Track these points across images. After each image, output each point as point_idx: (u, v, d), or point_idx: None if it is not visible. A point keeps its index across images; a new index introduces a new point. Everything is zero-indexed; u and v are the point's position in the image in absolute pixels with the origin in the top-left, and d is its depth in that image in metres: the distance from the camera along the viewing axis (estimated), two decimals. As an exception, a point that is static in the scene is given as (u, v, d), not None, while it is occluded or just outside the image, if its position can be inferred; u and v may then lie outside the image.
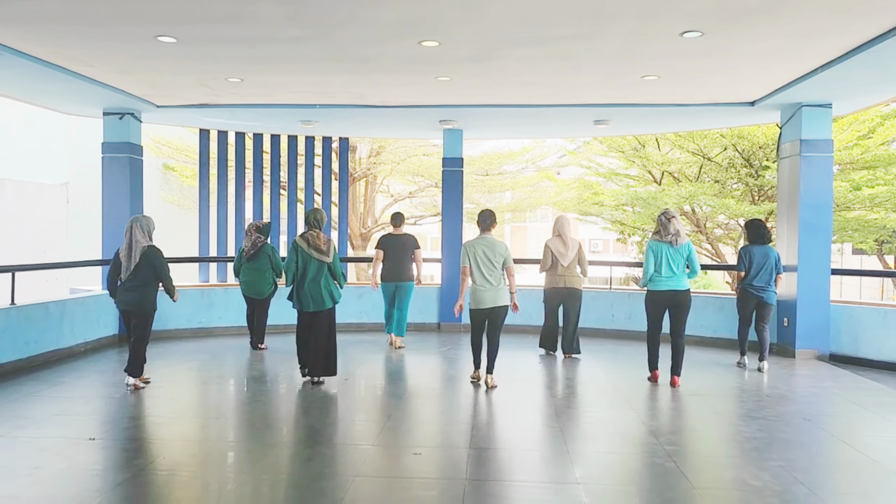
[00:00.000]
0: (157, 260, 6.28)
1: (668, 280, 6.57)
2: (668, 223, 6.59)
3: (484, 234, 6.54)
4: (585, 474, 4.40)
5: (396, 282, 8.36)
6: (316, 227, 6.58)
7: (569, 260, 7.85)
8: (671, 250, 6.56)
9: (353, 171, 17.07)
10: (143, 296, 6.26)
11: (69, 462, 4.54)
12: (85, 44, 6.27)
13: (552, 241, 7.94)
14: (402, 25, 5.67)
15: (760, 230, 7.59)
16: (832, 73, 6.75)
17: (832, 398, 6.50)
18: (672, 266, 6.55)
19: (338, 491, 4.07)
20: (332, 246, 6.57)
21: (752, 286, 7.48)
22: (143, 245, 6.21)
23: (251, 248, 8.19)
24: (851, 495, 4.17)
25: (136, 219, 6.37)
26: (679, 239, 6.55)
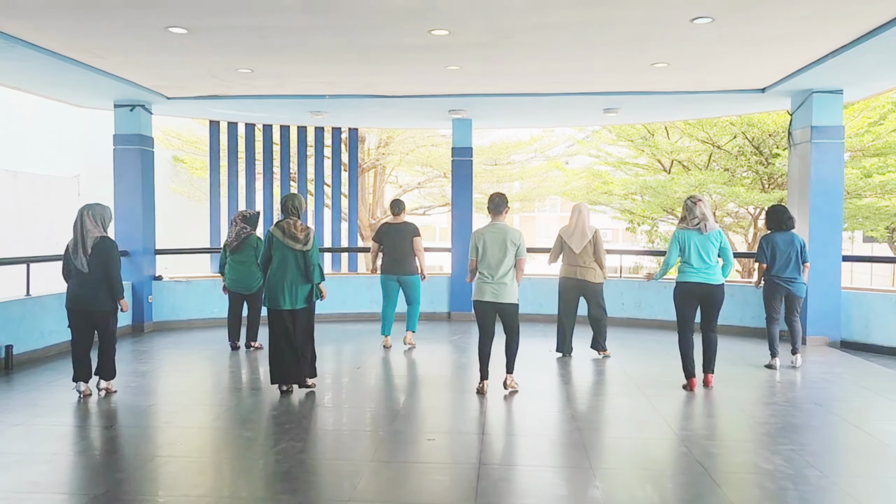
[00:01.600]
0: (110, 254, 5.60)
1: (698, 271, 5.94)
2: (694, 206, 6.00)
3: (495, 221, 5.94)
4: (598, 459, 4.43)
5: (398, 275, 7.81)
6: (294, 214, 5.89)
7: (579, 248, 7.25)
8: (700, 238, 5.96)
9: (362, 161, 17.09)
10: (99, 293, 5.61)
11: (88, 449, 4.61)
12: (96, 36, 6.31)
13: (564, 228, 7.47)
14: (412, 14, 5.68)
15: (782, 216, 7.00)
16: (843, 59, 6.72)
17: (843, 384, 6.51)
18: (703, 256, 5.93)
19: (353, 476, 4.11)
20: (310, 235, 5.84)
21: (780, 278, 6.88)
22: (94, 236, 5.57)
23: (235, 238, 7.56)
24: (862, 478, 4.19)
25: (86, 207, 5.68)
26: (708, 224, 5.94)
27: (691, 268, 5.98)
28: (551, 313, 9.70)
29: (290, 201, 5.93)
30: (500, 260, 5.77)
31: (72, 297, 5.65)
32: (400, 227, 7.85)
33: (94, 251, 5.55)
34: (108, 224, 5.77)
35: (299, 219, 5.93)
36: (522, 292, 10.16)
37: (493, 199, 5.95)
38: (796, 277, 6.91)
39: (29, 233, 13.67)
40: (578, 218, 7.36)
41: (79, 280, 5.60)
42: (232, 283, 7.71)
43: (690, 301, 6.04)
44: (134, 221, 9.22)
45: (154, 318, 9.37)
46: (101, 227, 5.66)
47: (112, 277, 5.62)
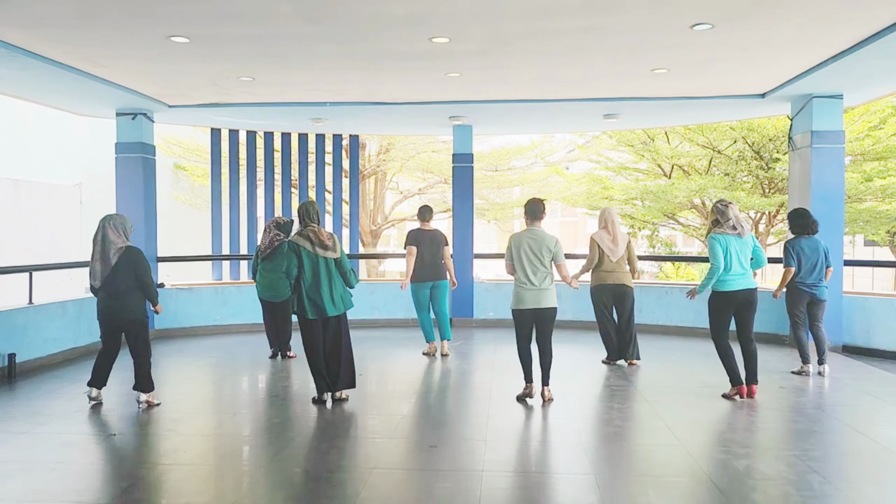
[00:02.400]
0: (138, 262, 5.59)
1: (740, 278, 5.73)
2: (727, 209, 5.75)
3: (532, 227, 5.85)
4: (600, 465, 4.43)
5: (434, 281, 7.68)
6: (315, 221, 5.81)
7: (618, 255, 7.17)
8: (739, 242, 5.74)
9: (363, 168, 17.13)
10: (129, 303, 5.59)
11: (92, 457, 4.62)
12: (98, 45, 6.34)
13: (598, 233, 7.29)
14: (412, 22, 5.71)
15: (805, 220, 6.81)
16: (843, 64, 6.74)
17: (845, 389, 6.51)
18: (742, 261, 5.74)
19: (355, 483, 4.12)
20: (336, 240, 5.80)
21: (805, 284, 6.72)
22: (119, 246, 5.55)
23: (268, 246, 7.46)
24: (865, 483, 4.19)
25: (108, 218, 5.67)
26: (745, 228, 5.77)
27: (733, 274, 5.74)
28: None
29: (312, 208, 5.84)
30: (537, 267, 5.74)
31: (99, 309, 5.65)
32: (433, 233, 7.78)
33: (122, 261, 5.53)
34: (129, 233, 5.73)
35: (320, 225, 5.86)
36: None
37: (531, 204, 5.89)
38: (821, 282, 6.78)
39: (31, 241, 13.69)
40: (617, 225, 7.32)
41: (107, 291, 5.57)
42: (263, 291, 7.62)
43: (731, 311, 5.84)
44: (136, 229, 9.16)
45: (156, 326, 9.38)
46: (124, 237, 5.63)
47: (146, 284, 5.62)
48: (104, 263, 5.53)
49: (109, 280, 5.53)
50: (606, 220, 7.31)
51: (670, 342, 8.79)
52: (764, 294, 8.94)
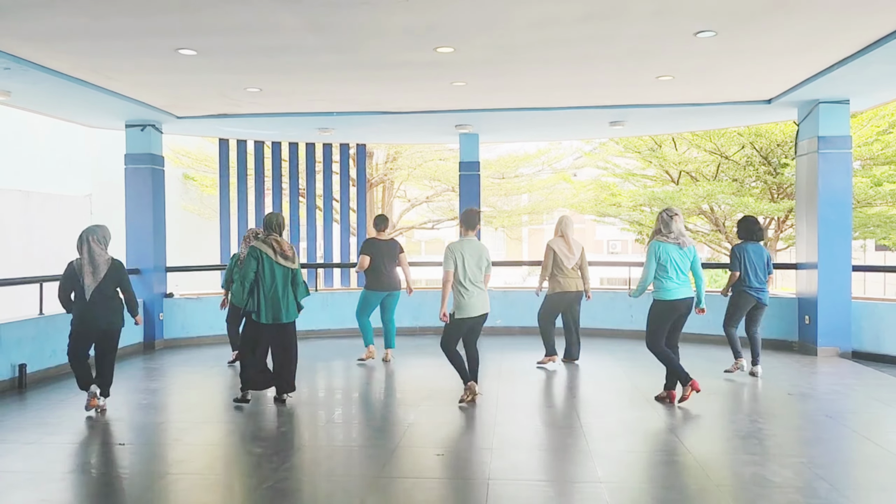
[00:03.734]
0: (123, 274, 5.81)
1: (681, 287, 5.86)
2: (671, 221, 5.87)
3: (470, 236, 6.11)
4: (606, 473, 4.43)
5: (390, 291, 7.89)
6: (277, 231, 6.10)
7: (574, 262, 7.48)
8: (679, 253, 5.86)
9: (370, 176, 17.20)
10: (116, 312, 5.78)
11: (100, 467, 4.65)
12: (107, 58, 6.42)
13: (555, 241, 7.57)
14: (417, 32, 5.75)
15: (754, 227, 7.09)
16: (849, 69, 6.73)
17: (854, 395, 6.47)
18: (682, 270, 5.86)
19: (361, 491, 4.13)
20: (295, 253, 6.13)
21: (752, 287, 6.96)
22: (107, 258, 5.72)
23: None
24: (873, 490, 4.16)
25: (89, 230, 5.77)
26: (686, 240, 5.89)
27: (674, 283, 5.86)
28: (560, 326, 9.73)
29: (276, 219, 6.14)
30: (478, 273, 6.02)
31: (81, 319, 5.70)
32: (388, 243, 7.96)
33: (109, 272, 5.68)
34: (108, 244, 5.86)
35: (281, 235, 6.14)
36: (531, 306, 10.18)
37: (470, 213, 6.20)
38: (765, 287, 7.04)
39: (41, 252, 13.80)
40: (572, 233, 7.61)
41: (91, 302, 5.63)
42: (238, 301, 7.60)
43: (672, 317, 5.94)
44: (145, 239, 9.31)
45: (165, 336, 9.43)
46: (105, 248, 5.79)
47: (131, 296, 5.86)
48: (94, 277, 5.65)
49: (97, 291, 5.65)
50: (563, 229, 7.60)
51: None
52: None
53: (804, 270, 8.61)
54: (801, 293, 8.67)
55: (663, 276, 5.86)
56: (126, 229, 9.39)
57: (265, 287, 5.93)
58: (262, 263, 5.92)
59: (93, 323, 5.71)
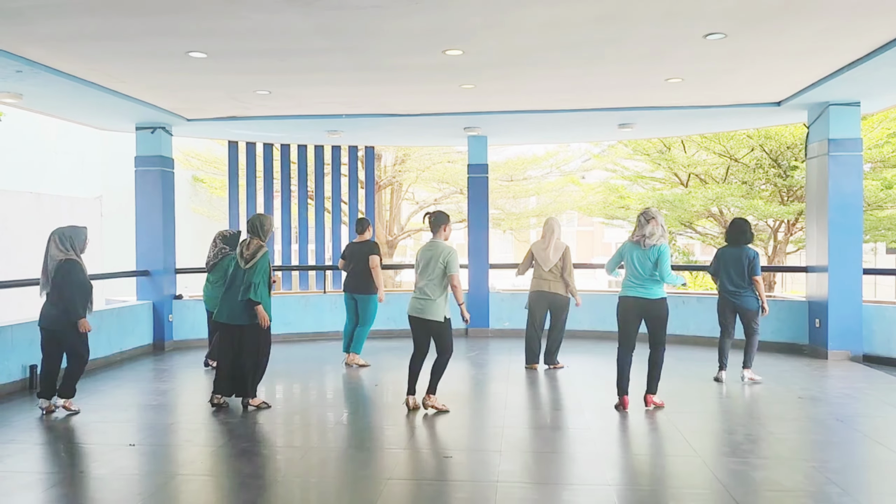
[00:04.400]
0: (65, 275, 5.63)
1: (632, 288, 5.89)
2: (646, 224, 5.87)
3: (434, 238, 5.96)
4: (615, 475, 4.42)
5: (352, 293, 7.85)
6: (254, 234, 6.05)
7: (550, 265, 7.45)
8: (639, 253, 5.86)
9: (379, 179, 17.23)
10: (60, 313, 5.69)
11: (110, 467, 4.67)
12: (118, 61, 6.46)
13: (536, 243, 7.69)
14: (426, 35, 5.76)
15: (734, 231, 7.00)
16: (859, 72, 6.70)
17: (865, 399, 6.43)
18: (640, 271, 5.84)
19: (371, 493, 4.13)
20: (258, 254, 5.94)
21: (726, 290, 6.94)
22: (59, 259, 5.67)
23: (213, 258, 7.51)
24: (884, 495, 4.14)
25: (55, 232, 5.79)
26: (647, 241, 5.82)
27: (627, 282, 5.95)
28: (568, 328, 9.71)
29: (253, 220, 6.16)
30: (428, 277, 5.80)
31: (42, 316, 5.81)
32: (359, 245, 7.97)
33: (56, 274, 5.66)
34: (80, 246, 5.82)
35: (260, 238, 6.05)
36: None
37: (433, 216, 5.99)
38: (741, 291, 6.89)
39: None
40: (552, 235, 7.56)
41: (46, 303, 5.76)
42: (207, 302, 7.70)
43: (628, 316, 5.93)
44: (155, 241, 9.36)
45: (174, 337, 9.47)
46: (69, 250, 5.73)
47: (64, 298, 5.65)
48: (44, 276, 5.70)
49: (50, 292, 5.70)
50: (546, 231, 7.63)
51: (683, 352, 8.70)
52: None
53: (814, 273, 8.56)
54: (812, 296, 8.62)
55: (626, 274, 6.00)
56: (136, 231, 9.44)
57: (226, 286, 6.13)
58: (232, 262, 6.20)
59: (41, 322, 5.78)
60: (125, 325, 8.67)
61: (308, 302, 10.19)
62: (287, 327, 9.65)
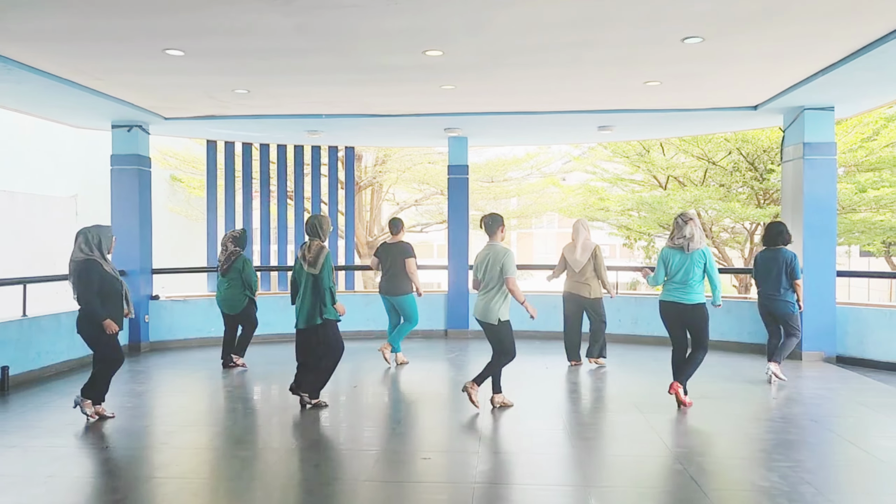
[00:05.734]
0: (80, 275, 5.49)
1: (674, 292, 5.99)
2: (685, 225, 5.96)
3: (491, 242, 6.05)
4: (594, 477, 4.43)
5: (388, 295, 7.89)
6: (313, 235, 5.99)
7: (580, 266, 7.66)
8: (681, 257, 5.95)
9: (359, 179, 17.17)
10: (82, 316, 5.58)
11: (83, 470, 4.61)
12: (94, 58, 6.37)
13: (566, 247, 7.86)
14: (406, 36, 5.75)
15: (770, 232, 7.09)
16: (834, 77, 6.79)
17: (839, 400, 6.52)
18: (682, 275, 5.93)
19: (347, 496, 4.12)
20: (321, 256, 5.88)
21: (762, 294, 7.07)
22: (76, 261, 5.52)
23: (225, 261, 7.73)
24: (858, 495, 4.19)
25: (82, 232, 5.62)
26: (691, 245, 5.92)
27: (669, 285, 6.04)
28: (548, 330, 9.75)
29: (311, 221, 6.05)
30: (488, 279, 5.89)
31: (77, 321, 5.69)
32: (394, 246, 7.95)
33: (73, 276, 5.53)
34: (107, 246, 5.66)
35: (320, 239, 5.99)
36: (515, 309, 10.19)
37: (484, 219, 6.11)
38: (775, 294, 6.95)
39: (26, 253, 13.68)
40: (580, 237, 7.74)
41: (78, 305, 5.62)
42: (220, 304, 7.89)
43: (669, 320, 6.10)
44: (131, 241, 9.24)
45: (151, 338, 9.37)
46: (93, 251, 5.56)
47: (80, 300, 5.53)
48: (70, 278, 5.56)
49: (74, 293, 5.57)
50: (573, 233, 7.85)
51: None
52: (745, 304, 8.99)
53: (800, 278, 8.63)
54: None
55: (666, 279, 6.06)
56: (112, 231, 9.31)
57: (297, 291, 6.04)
58: (295, 267, 6.04)
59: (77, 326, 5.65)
60: (100, 326, 8.53)
61: (286, 302, 10.10)
62: (268, 328, 9.57)
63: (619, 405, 6.24)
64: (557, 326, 9.85)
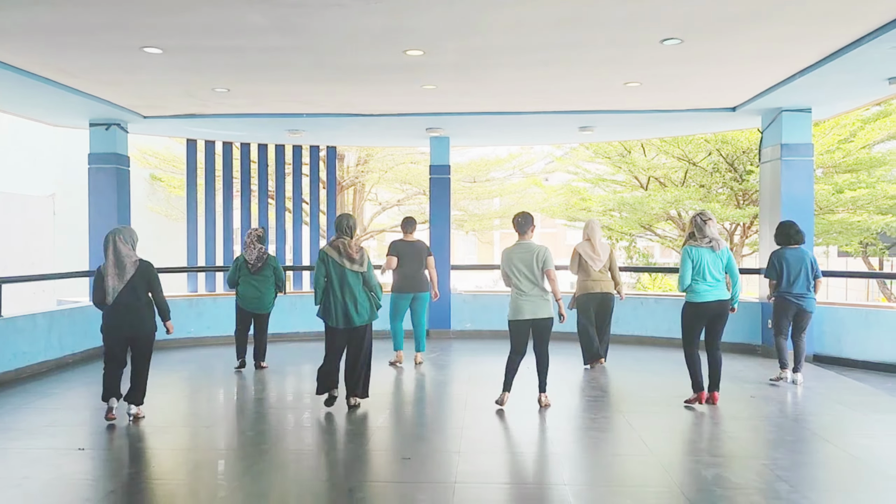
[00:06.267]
0: (153, 276, 5.56)
1: (713, 290, 5.94)
2: (704, 225, 5.96)
3: (521, 240, 6.05)
4: (571, 475, 4.45)
5: (415, 293, 7.80)
6: (347, 234, 5.95)
7: (600, 264, 7.53)
8: (711, 256, 5.95)
9: (341, 179, 17.12)
10: (143, 317, 5.51)
11: (59, 472, 4.55)
12: (71, 55, 6.29)
13: (581, 244, 7.66)
14: (386, 35, 5.74)
15: (789, 231, 6.95)
16: (810, 79, 6.87)
17: (815, 398, 6.59)
18: (714, 274, 5.93)
19: (331, 496, 4.10)
20: (365, 254, 5.94)
21: (791, 294, 6.82)
22: (134, 259, 5.47)
23: (257, 260, 7.64)
24: (832, 492, 4.25)
25: (116, 231, 5.55)
26: (720, 243, 5.97)
27: (705, 286, 5.94)
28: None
29: (345, 221, 5.99)
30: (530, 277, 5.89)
31: (111, 324, 5.48)
32: (414, 244, 7.85)
33: (137, 275, 5.44)
34: (136, 245, 5.64)
35: (351, 237, 5.96)
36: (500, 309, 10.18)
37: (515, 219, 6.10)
38: (807, 294, 6.87)
39: (3, 252, 13.49)
40: (598, 236, 7.63)
41: (115, 305, 5.42)
42: (247, 303, 7.68)
43: (703, 319, 6.04)
44: (109, 241, 9.12)
45: (129, 339, 9.25)
46: (133, 248, 5.53)
47: (161, 300, 5.59)
48: (119, 278, 5.39)
49: (123, 294, 5.40)
50: (588, 232, 7.64)
51: (646, 353, 8.85)
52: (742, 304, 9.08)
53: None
54: (763, 298, 8.81)
55: (696, 278, 5.97)
56: (89, 230, 9.21)
57: (333, 292, 5.83)
58: (329, 267, 5.83)
59: (117, 329, 5.47)
60: (78, 327, 8.43)
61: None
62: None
63: (600, 404, 6.27)
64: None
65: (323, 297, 5.87)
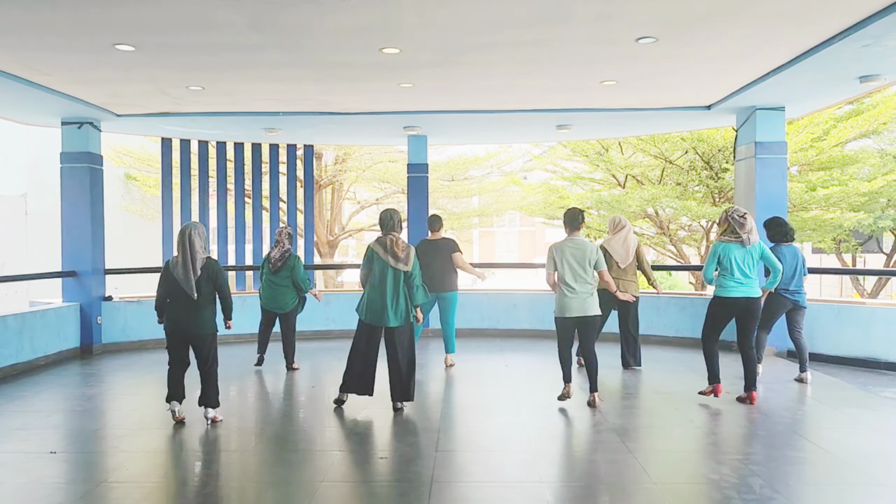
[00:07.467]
0: (220, 273, 5.44)
1: (739, 286, 5.91)
2: (745, 221, 5.88)
3: (572, 236, 5.97)
4: (548, 473, 4.47)
5: (439, 293, 7.56)
6: (395, 230, 5.80)
7: (628, 261, 7.30)
8: (741, 251, 5.90)
9: (319, 178, 17.02)
10: (208, 316, 5.42)
11: (30, 476, 4.48)
12: (42, 53, 6.19)
13: (608, 241, 7.41)
14: (362, 32, 5.71)
15: (784, 227, 6.92)
16: (783, 77, 6.95)
17: (789, 393, 6.67)
18: (744, 270, 5.90)
19: (304, 497, 4.08)
20: (411, 253, 5.76)
21: (788, 290, 6.80)
22: (203, 257, 5.36)
23: (279, 258, 7.51)
24: (805, 485, 4.31)
25: (192, 225, 5.41)
26: (751, 238, 5.88)
27: (733, 281, 5.94)
28: (508, 328, 9.80)
29: (389, 216, 5.84)
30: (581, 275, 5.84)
31: (175, 321, 5.40)
32: (438, 243, 7.74)
33: (205, 273, 5.34)
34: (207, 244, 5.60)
35: (397, 233, 5.83)
36: (476, 308, 10.20)
37: (568, 214, 6.04)
38: (801, 289, 6.90)
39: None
40: (625, 232, 7.39)
41: (184, 303, 5.34)
42: (267, 303, 7.63)
43: (729, 315, 6.06)
44: (82, 240, 9.01)
45: (103, 340, 9.15)
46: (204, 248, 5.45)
47: (226, 296, 5.51)
48: (191, 273, 5.28)
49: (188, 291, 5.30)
50: (616, 229, 7.44)
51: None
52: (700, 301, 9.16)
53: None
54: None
55: (724, 274, 5.97)
56: (62, 230, 9.07)
57: (372, 287, 5.73)
58: (373, 262, 5.73)
59: (179, 325, 5.39)
60: (50, 328, 8.31)
61: (245, 303, 9.97)
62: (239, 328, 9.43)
63: (576, 401, 6.29)
64: (517, 324, 9.99)
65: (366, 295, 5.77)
